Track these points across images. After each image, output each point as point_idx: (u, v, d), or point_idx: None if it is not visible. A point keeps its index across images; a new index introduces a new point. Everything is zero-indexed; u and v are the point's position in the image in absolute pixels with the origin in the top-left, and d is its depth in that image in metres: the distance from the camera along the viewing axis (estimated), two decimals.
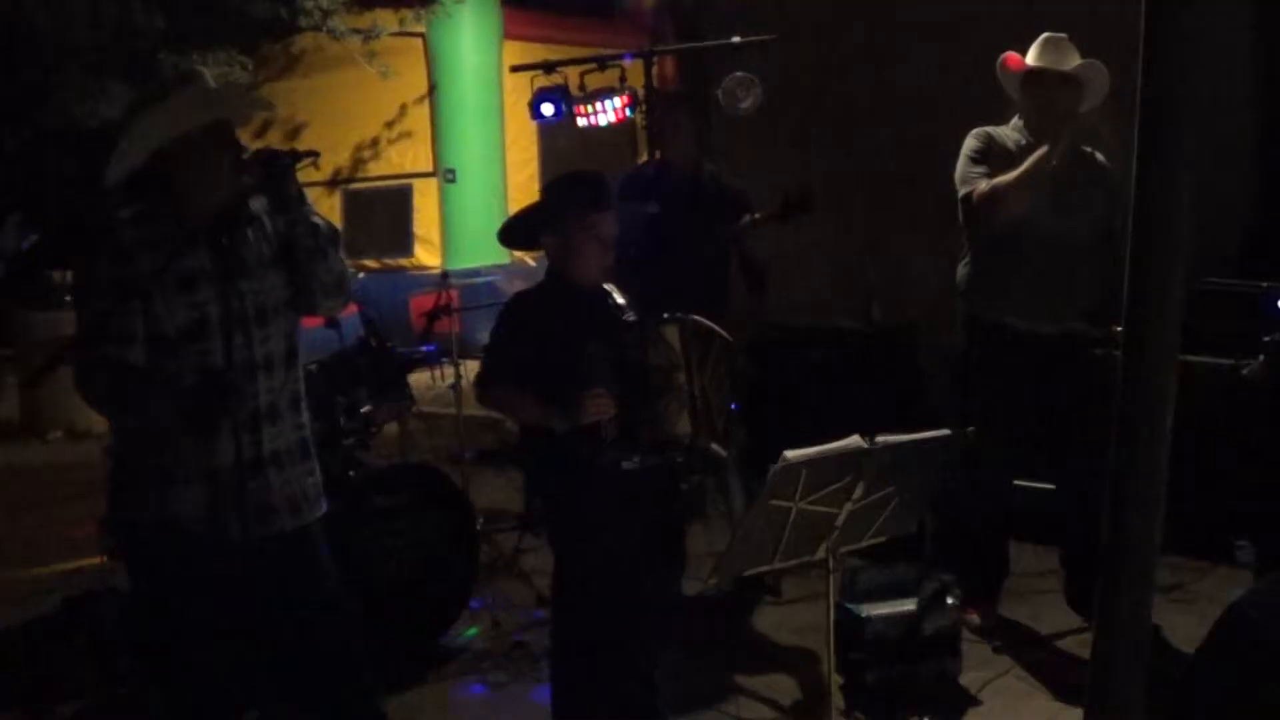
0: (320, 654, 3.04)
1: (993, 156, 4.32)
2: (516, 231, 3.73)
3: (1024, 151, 4.23)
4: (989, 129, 4.41)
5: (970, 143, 4.39)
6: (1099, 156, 4.39)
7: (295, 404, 3.04)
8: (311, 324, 4.29)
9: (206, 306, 2.82)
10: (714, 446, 3.47)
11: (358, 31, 10.11)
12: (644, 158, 5.16)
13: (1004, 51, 4.36)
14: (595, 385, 3.30)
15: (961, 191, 4.34)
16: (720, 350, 3.50)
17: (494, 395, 3.54)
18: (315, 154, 2.88)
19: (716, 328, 3.55)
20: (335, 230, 3.02)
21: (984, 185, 4.24)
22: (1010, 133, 4.40)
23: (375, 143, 11.68)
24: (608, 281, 3.58)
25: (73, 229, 9.49)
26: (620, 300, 3.57)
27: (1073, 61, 4.24)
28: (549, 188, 3.64)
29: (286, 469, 2.98)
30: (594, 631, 3.50)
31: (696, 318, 3.50)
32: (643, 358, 3.37)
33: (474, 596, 4.70)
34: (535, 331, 3.43)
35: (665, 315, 3.46)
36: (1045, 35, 4.31)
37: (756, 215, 4.72)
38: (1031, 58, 4.29)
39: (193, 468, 2.85)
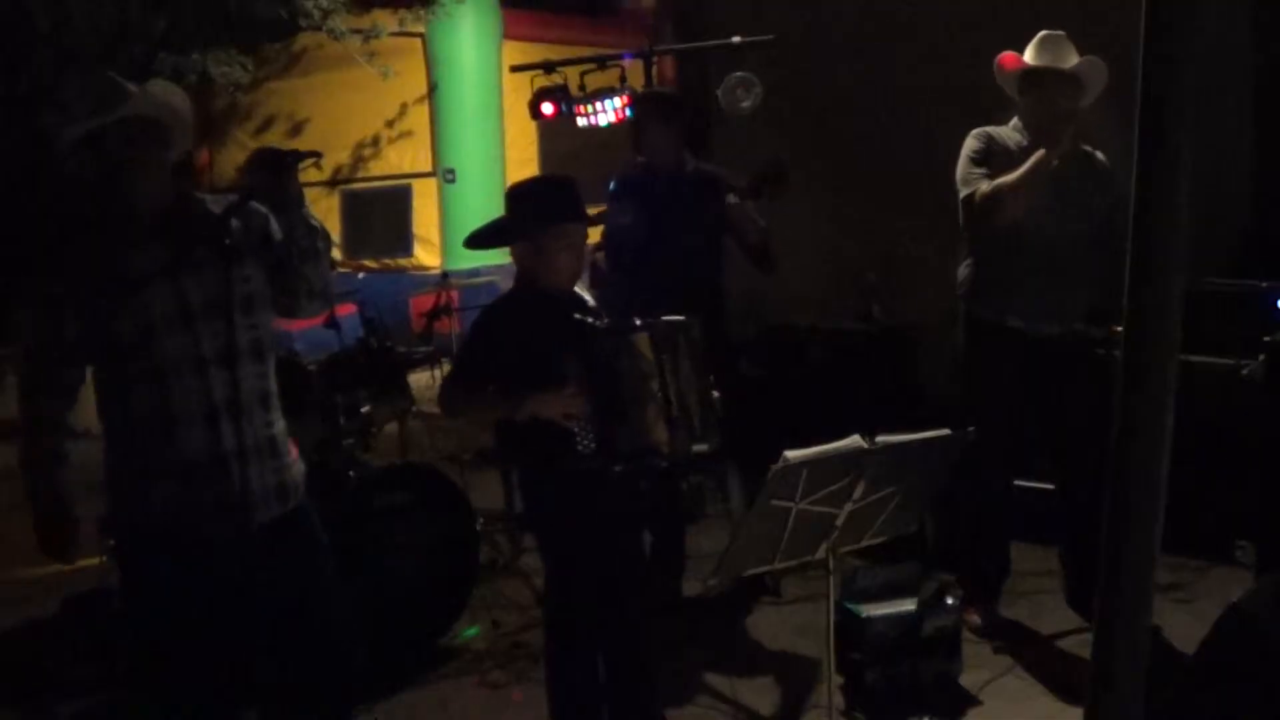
0: (315, 635, 3.05)
1: (993, 157, 4.31)
2: (484, 239, 3.66)
3: (1024, 152, 4.23)
4: (989, 129, 4.40)
5: (970, 143, 4.39)
6: (1099, 156, 4.39)
7: (264, 402, 3.03)
8: (311, 323, 4.31)
9: (152, 306, 2.84)
10: (695, 448, 3.44)
11: (358, 32, 10.12)
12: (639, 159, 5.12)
13: (1005, 49, 4.35)
14: (568, 386, 3.29)
15: (963, 193, 4.33)
16: (687, 343, 3.45)
17: (455, 399, 3.50)
18: (318, 154, 2.93)
19: (679, 319, 3.48)
20: (328, 234, 3.05)
21: (986, 186, 4.23)
22: (1010, 133, 4.39)
23: (375, 142, 11.69)
24: (580, 285, 3.55)
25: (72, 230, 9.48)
26: (591, 302, 3.53)
27: (1072, 59, 4.23)
28: (517, 196, 3.55)
29: (252, 465, 2.95)
30: (587, 633, 3.50)
31: (666, 319, 3.45)
32: (615, 367, 3.34)
33: (474, 596, 4.69)
34: (507, 344, 3.39)
35: (637, 322, 3.42)
36: (1043, 33, 4.29)
37: (734, 196, 4.65)
38: (1029, 56, 4.28)
39: (162, 465, 2.88)
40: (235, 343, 2.91)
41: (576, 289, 3.54)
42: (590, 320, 3.40)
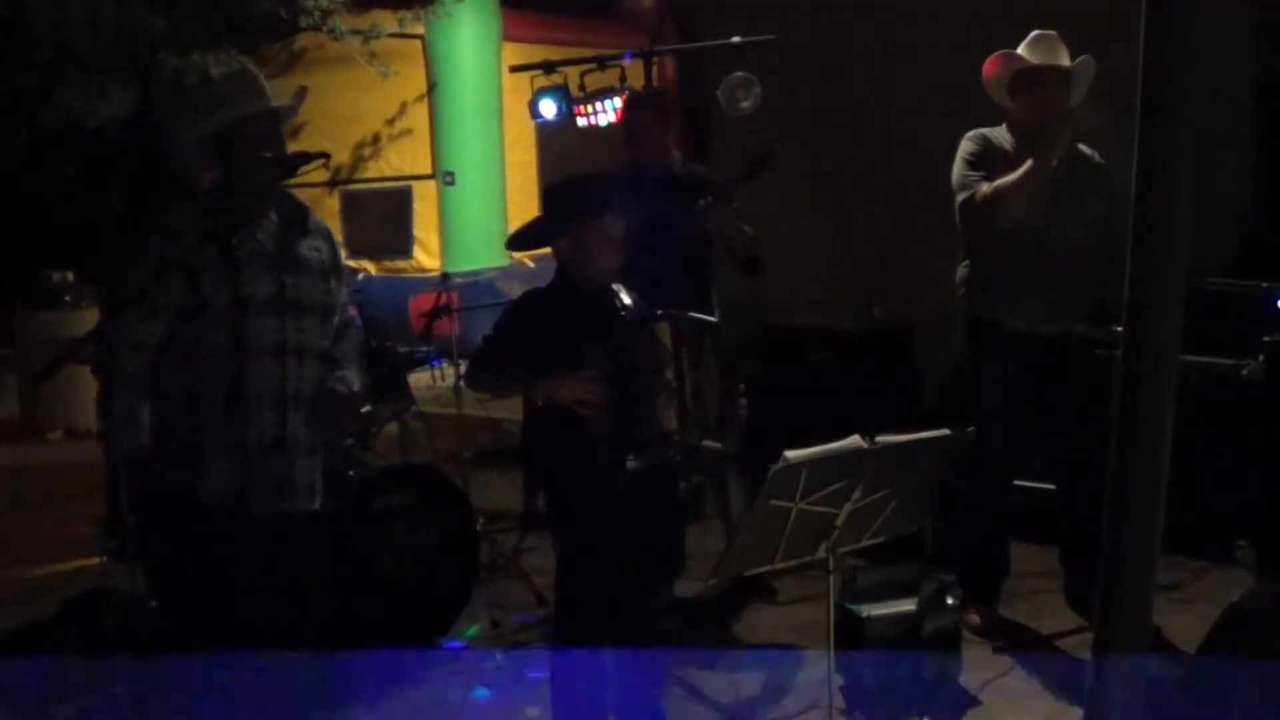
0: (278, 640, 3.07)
1: (989, 159, 4.31)
2: (525, 239, 3.86)
3: (1019, 153, 4.23)
4: (984, 131, 4.40)
5: (966, 146, 4.39)
6: (1095, 156, 4.39)
7: None
8: None
9: (247, 288, 2.95)
10: (706, 443, 3.49)
11: (357, 32, 10.11)
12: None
13: (1004, 49, 4.35)
14: (586, 374, 3.37)
15: (961, 197, 4.33)
16: (712, 342, 3.54)
17: (479, 374, 3.64)
18: (325, 155, 3.01)
19: (707, 319, 3.59)
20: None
21: (985, 189, 4.23)
22: (1006, 134, 4.39)
23: (375, 143, 11.67)
24: (617, 280, 3.62)
25: (73, 230, 9.51)
26: (627, 300, 3.61)
27: (1065, 57, 4.24)
28: (554, 193, 3.70)
29: (303, 456, 3.11)
30: (596, 628, 3.51)
31: (692, 314, 3.53)
32: (633, 352, 3.41)
33: (474, 596, 4.69)
34: (537, 328, 3.50)
35: (659, 312, 3.50)
36: (1035, 33, 4.30)
37: (709, 199, 4.63)
38: (1026, 57, 4.28)
39: (227, 442, 2.97)
40: (312, 342, 3.09)
41: (615, 286, 3.62)
42: (617, 306, 3.48)
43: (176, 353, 2.99)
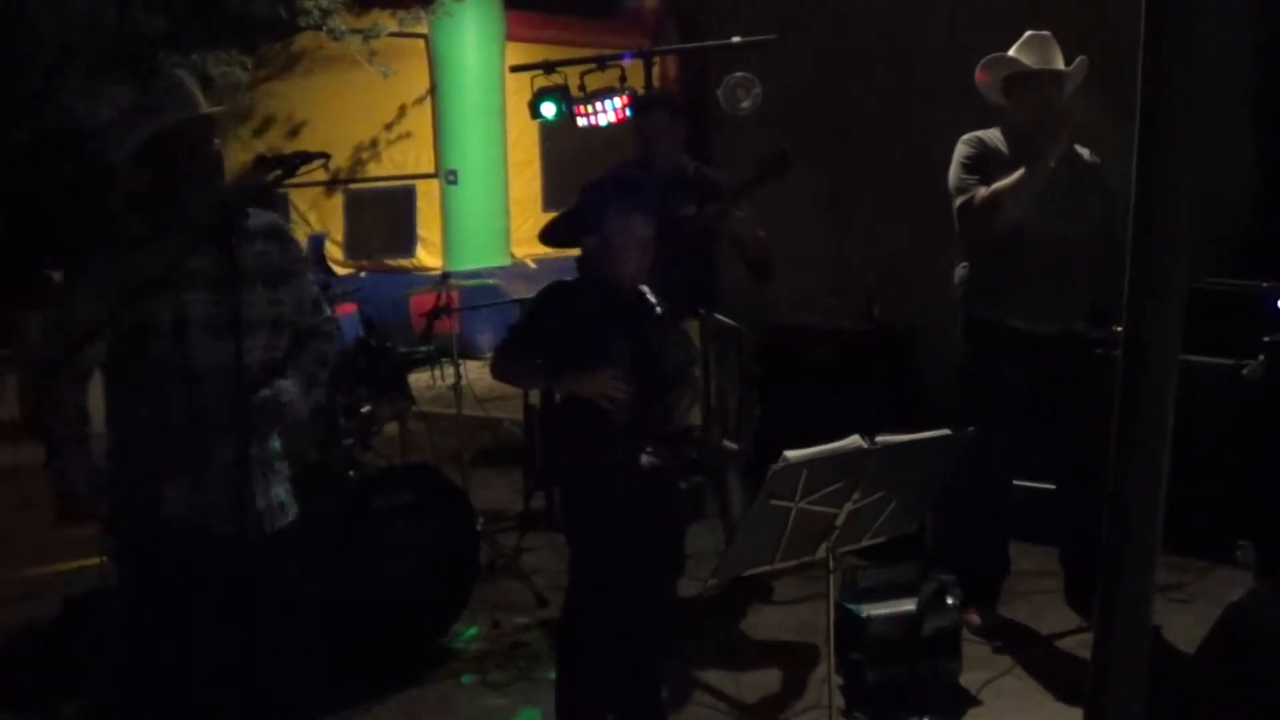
0: (262, 663, 3.00)
1: (985, 162, 4.31)
2: (557, 232, 3.95)
3: (1015, 155, 4.23)
4: (979, 134, 4.40)
5: (962, 149, 4.38)
6: (1088, 154, 4.39)
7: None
8: None
9: (191, 307, 2.85)
10: (725, 443, 3.53)
11: (358, 32, 10.11)
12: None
13: (1004, 49, 4.35)
14: (614, 369, 3.39)
15: (959, 200, 4.32)
16: (736, 349, 3.57)
17: (503, 365, 3.63)
18: (326, 156, 2.91)
19: (734, 324, 3.62)
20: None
21: (983, 192, 4.23)
22: (1000, 136, 4.39)
23: (376, 144, 11.68)
24: (643, 283, 3.62)
25: (72, 230, 9.50)
26: (654, 301, 3.62)
27: (1059, 58, 4.24)
28: (588, 190, 3.74)
29: (259, 477, 2.99)
30: (602, 626, 3.51)
31: (719, 316, 3.57)
32: (663, 347, 3.45)
33: (474, 596, 4.69)
34: (566, 321, 3.52)
35: (697, 311, 3.54)
36: (1029, 34, 4.30)
37: (718, 205, 4.63)
38: (1021, 58, 4.28)
39: (182, 465, 2.88)
40: (257, 360, 2.94)
41: (641, 288, 3.62)
42: (650, 302, 3.52)
43: (124, 374, 2.92)
